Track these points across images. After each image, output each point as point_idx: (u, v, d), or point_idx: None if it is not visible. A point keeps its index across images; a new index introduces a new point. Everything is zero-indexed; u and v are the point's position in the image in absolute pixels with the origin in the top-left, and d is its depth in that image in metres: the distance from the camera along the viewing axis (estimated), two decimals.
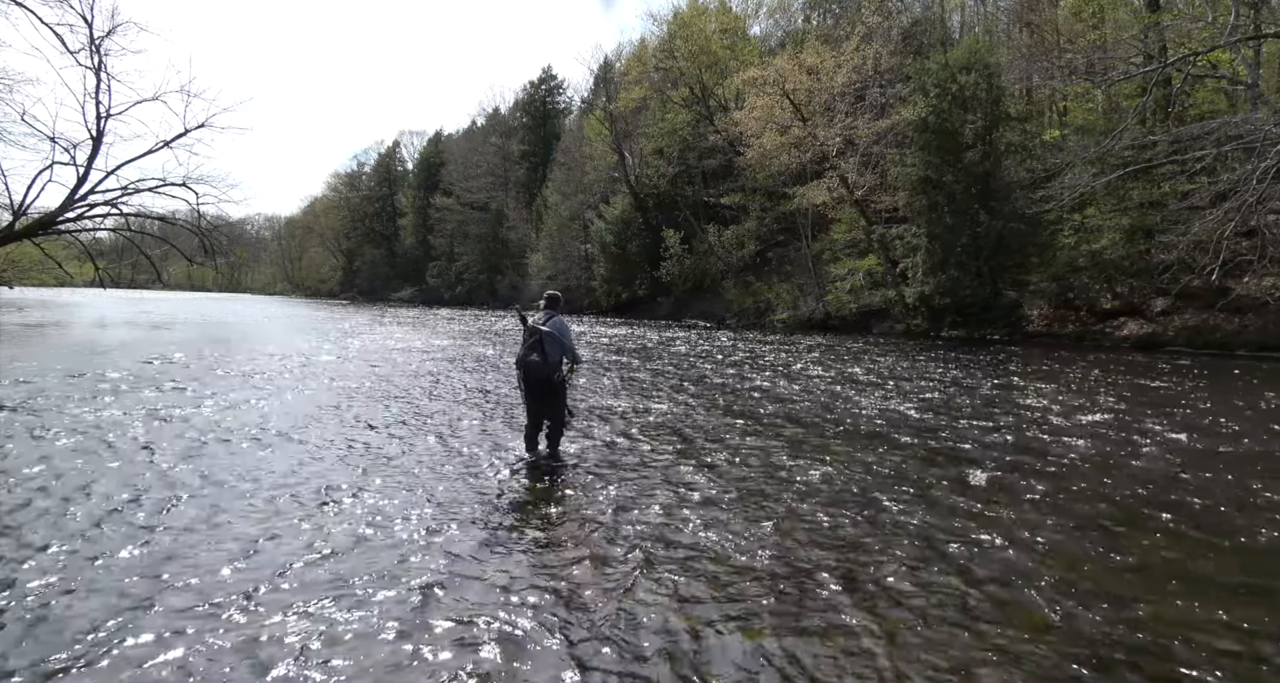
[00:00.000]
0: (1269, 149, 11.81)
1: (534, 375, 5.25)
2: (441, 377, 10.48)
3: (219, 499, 4.33)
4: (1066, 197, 15.82)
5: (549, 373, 5.23)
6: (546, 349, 5.20)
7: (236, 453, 5.51)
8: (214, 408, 7.44)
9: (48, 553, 3.45)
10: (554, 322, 5.30)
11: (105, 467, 5.02)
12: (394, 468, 5.16)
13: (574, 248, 39.16)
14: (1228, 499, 4.49)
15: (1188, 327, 15.22)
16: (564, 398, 5.44)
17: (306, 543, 3.61)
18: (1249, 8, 14.27)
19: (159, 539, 3.64)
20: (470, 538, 3.77)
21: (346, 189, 77.68)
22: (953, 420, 7.12)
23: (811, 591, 3.12)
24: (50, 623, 2.76)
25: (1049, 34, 21.95)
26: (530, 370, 5.24)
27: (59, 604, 2.91)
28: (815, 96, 23.71)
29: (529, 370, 5.24)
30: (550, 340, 5.21)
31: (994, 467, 5.26)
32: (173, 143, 18.59)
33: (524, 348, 5.26)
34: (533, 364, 5.21)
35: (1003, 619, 2.84)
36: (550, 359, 5.21)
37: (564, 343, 5.29)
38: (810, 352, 15.03)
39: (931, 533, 3.84)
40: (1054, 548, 3.63)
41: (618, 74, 38.64)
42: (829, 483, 4.83)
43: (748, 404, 8.14)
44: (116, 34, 17.00)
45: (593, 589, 3.15)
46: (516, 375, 5.43)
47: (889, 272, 21.89)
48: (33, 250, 20.82)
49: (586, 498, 4.53)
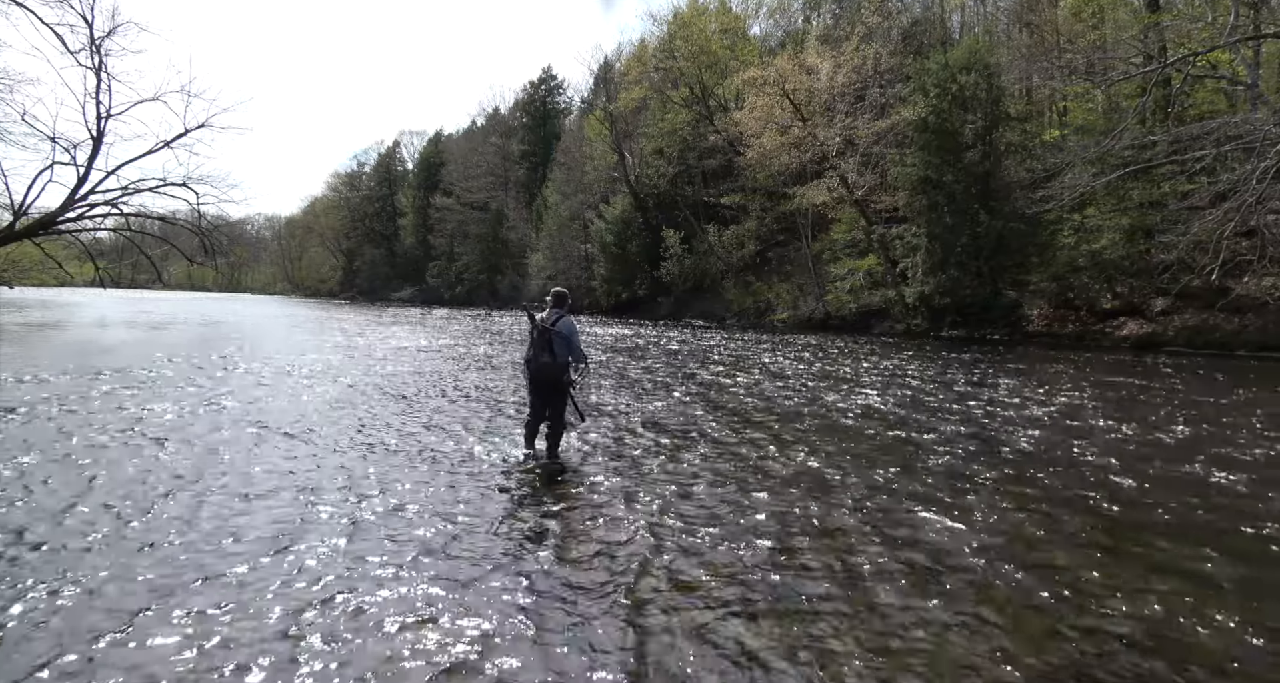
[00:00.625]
0: (1269, 149, 11.82)
1: (544, 375, 5.26)
2: (448, 374, 10.53)
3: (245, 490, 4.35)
4: (1066, 196, 15.83)
5: (558, 373, 5.24)
6: (555, 349, 5.20)
7: (261, 447, 5.53)
8: (237, 404, 7.47)
9: (110, 528, 3.47)
10: (564, 322, 5.27)
11: (133, 460, 5.05)
12: (397, 465, 5.18)
13: (574, 248, 39.18)
14: (1161, 484, 4.62)
15: (1188, 327, 15.23)
16: (568, 399, 5.44)
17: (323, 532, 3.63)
18: (1249, 8, 14.28)
19: (201, 524, 3.69)
20: (465, 533, 3.79)
21: (346, 189, 77.70)
22: (927, 414, 7.14)
23: (797, 576, 3.14)
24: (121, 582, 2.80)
25: (1049, 34, 21.96)
26: (540, 370, 5.25)
27: (122, 568, 2.94)
28: (815, 96, 23.73)
29: (540, 370, 5.25)
30: (559, 340, 5.20)
31: (960, 455, 5.29)
32: (173, 143, 18.61)
33: (534, 348, 5.25)
34: (543, 364, 5.21)
35: (969, 596, 2.87)
36: (559, 359, 5.22)
37: (571, 342, 5.28)
38: (805, 351, 15.03)
39: (901, 517, 3.87)
40: (1000, 528, 3.68)
41: (618, 74, 38.67)
42: (812, 476, 4.87)
43: (738, 401, 8.15)
44: (117, 34, 17.02)
45: (593, 581, 3.17)
46: (525, 374, 5.43)
47: (889, 272, 21.90)
48: (33, 250, 20.84)
49: (586, 493, 4.56)
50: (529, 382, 5.37)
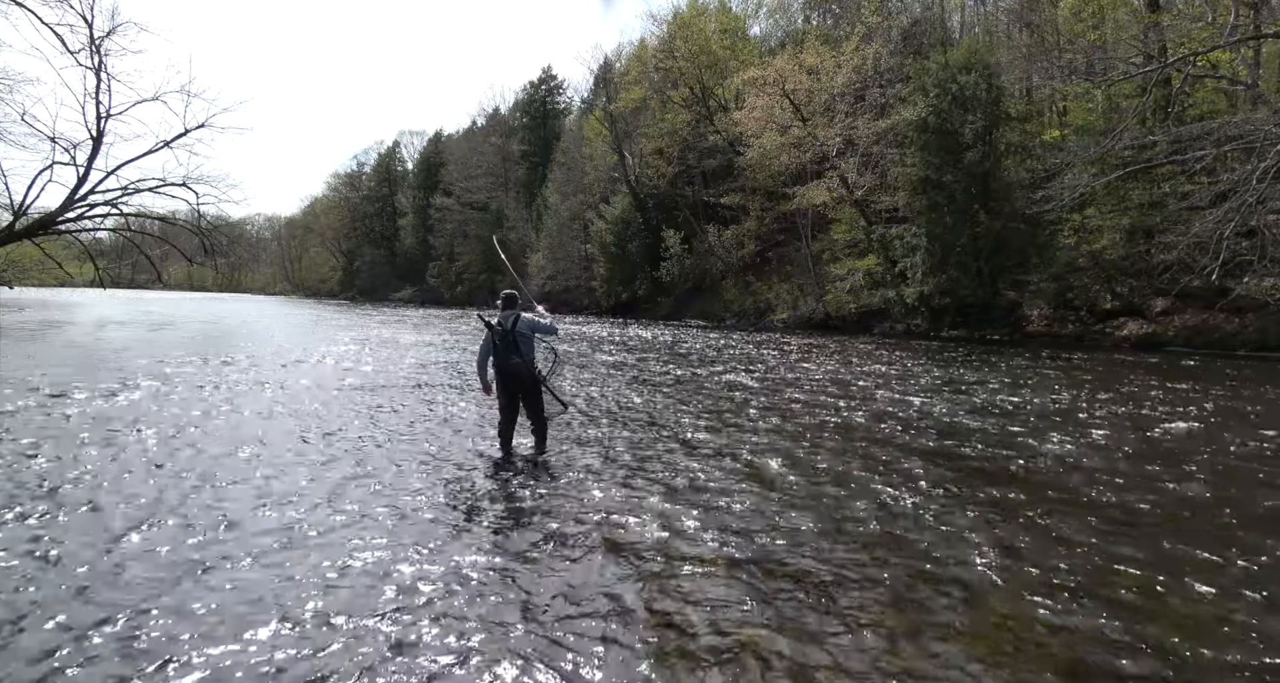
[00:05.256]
0: (1269, 149, 11.81)
1: (518, 376, 5.33)
2: (453, 371, 10.56)
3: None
4: (1066, 197, 15.80)
5: (528, 371, 5.33)
6: (522, 349, 5.30)
7: (268, 443, 5.54)
8: (251, 401, 7.47)
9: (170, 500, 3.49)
10: (522, 321, 5.36)
11: (157, 453, 5.05)
12: (402, 461, 5.21)
13: (574, 248, 39.14)
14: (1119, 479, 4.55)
15: (1188, 327, 15.22)
16: (543, 394, 5.51)
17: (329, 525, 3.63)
18: (1249, 8, 14.27)
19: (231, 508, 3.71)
20: (459, 530, 3.80)
21: (346, 189, 77.66)
22: (909, 413, 7.14)
23: (778, 580, 3.14)
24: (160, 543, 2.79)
25: (1049, 34, 21.93)
26: (513, 372, 5.31)
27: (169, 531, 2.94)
28: (815, 96, 23.70)
29: (514, 372, 5.31)
30: (523, 339, 5.31)
31: (945, 447, 5.29)
32: (173, 143, 18.63)
33: (501, 353, 5.31)
34: (514, 365, 5.29)
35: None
36: (527, 358, 5.33)
37: (537, 328, 5.40)
38: (801, 351, 15.03)
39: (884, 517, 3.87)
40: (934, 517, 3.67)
41: (618, 74, 38.65)
42: (800, 472, 4.86)
43: (730, 400, 8.15)
44: (116, 34, 17.05)
45: (582, 580, 3.17)
46: (491, 379, 5.46)
47: (889, 272, 21.89)
48: (33, 250, 20.83)
49: (574, 491, 4.58)
50: (499, 385, 5.43)
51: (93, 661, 2.51)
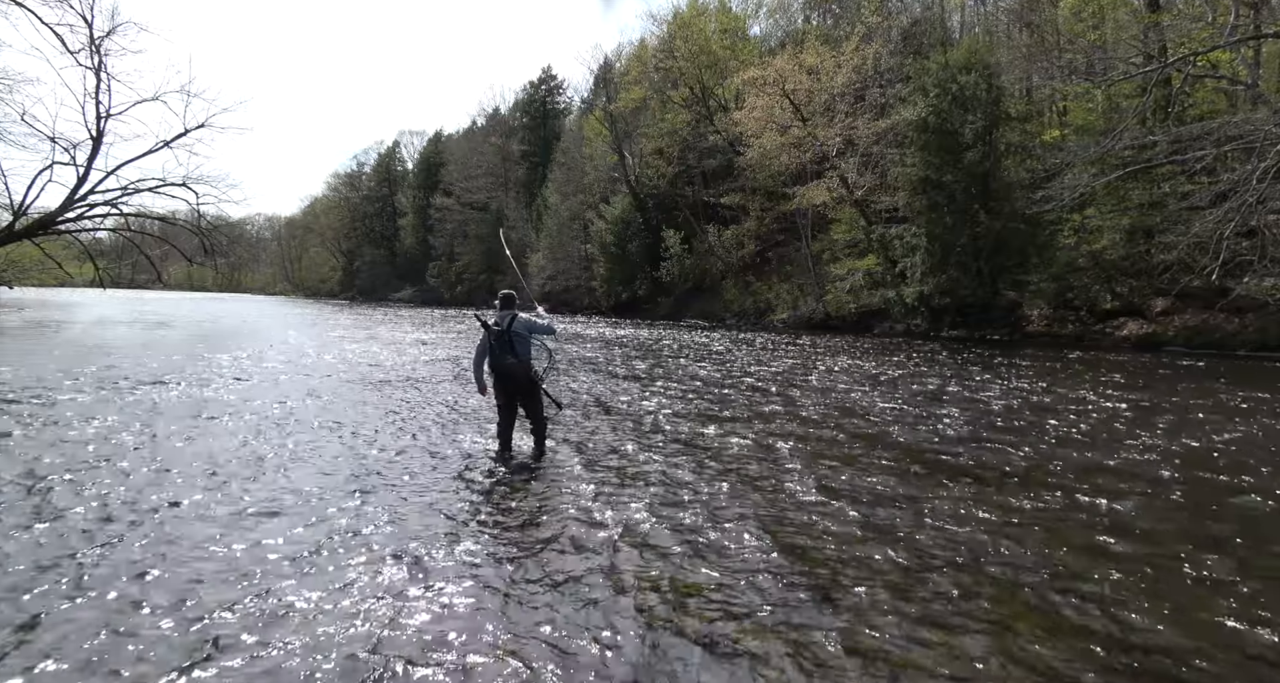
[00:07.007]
0: (1269, 149, 11.81)
1: (514, 377, 5.33)
2: (454, 368, 10.59)
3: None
4: (1066, 197, 15.80)
5: (526, 372, 5.33)
6: (518, 349, 5.29)
7: (277, 444, 5.54)
8: (258, 399, 7.47)
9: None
10: (518, 321, 5.36)
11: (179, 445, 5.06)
12: (398, 460, 5.21)
13: (574, 248, 39.15)
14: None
15: (1188, 327, 15.22)
16: (541, 395, 5.51)
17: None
18: (1249, 8, 14.26)
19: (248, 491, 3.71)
20: (457, 531, 3.80)
21: (346, 189, 77.66)
22: (899, 412, 7.14)
23: (768, 575, 3.14)
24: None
25: (1049, 34, 21.93)
26: (509, 372, 5.32)
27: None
28: (815, 96, 23.70)
29: (509, 372, 5.32)
30: (519, 340, 5.31)
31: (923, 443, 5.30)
32: (173, 143, 18.66)
33: (496, 354, 5.31)
34: (510, 365, 5.29)
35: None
36: (523, 359, 5.32)
37: (534, 328, 5.41)
38: (801, 351, 15.03)
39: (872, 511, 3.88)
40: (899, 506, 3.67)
41: (617, 74, 38.66)
42: (794, 470, 4.86)
43: (730, 400, 8.15)
44: (116, 34, 17.09)
45: (579, 580, 3.17)
46: (488, 380, 5.46)
47: (889, 272, 21.88)
48: (33, 250, 20.86)
49: (573, 491, 4.58)
50: (495, 385, 5.43)
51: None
